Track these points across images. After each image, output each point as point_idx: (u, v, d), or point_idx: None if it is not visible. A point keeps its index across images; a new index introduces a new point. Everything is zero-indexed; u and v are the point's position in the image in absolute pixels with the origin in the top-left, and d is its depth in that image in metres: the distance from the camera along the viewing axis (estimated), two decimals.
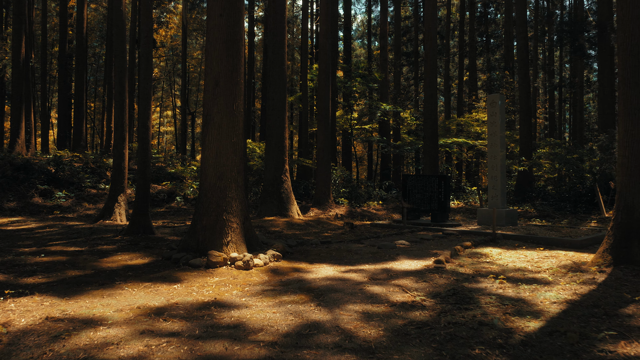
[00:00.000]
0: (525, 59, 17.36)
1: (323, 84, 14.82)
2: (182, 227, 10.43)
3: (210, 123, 6.64)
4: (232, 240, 6.38)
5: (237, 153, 6.74)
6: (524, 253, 7.39)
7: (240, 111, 6.81)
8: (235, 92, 6.71)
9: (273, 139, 12.56)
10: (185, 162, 22.17)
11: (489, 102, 10.92)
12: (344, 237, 9.49)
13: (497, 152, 10.77)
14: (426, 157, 15.54)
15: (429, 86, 15.29)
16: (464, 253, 7.39)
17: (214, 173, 6.55)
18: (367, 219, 14.24)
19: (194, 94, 46.74)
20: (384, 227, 11.39)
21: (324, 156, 15.11)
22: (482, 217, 10.92)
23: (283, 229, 10.80)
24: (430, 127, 15.32)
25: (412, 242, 8.44)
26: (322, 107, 14.91)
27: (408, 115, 26.79)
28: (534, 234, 9.27)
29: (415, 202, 11.66)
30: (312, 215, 14.01)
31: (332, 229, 11.19)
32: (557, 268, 6.12)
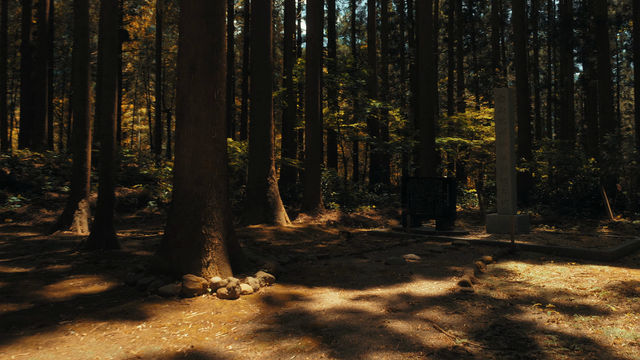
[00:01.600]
0: (522, 54, 16.63)
1: (312, 77, 13.75)
2: (154, 238, 9.21)
3: (186, 116, 5.50)
4: (214, 260, 5.25)
5: (218, 152, 5.61)
6: (554, 269, 6.46)
7: (222, 101, 5.69)
8: (217, 77, 5.58)
9: (258, 136, 11.43)
10: (160, 162, 20.81)
11: (496, 96, 10.02)
12: (342, 250, 8.43)
13: (507, 152, 9.88)
14: (423, 157, 14.62)
15: (425, 82, 14.37)
16: (487, 270, 6.41)
17: (190, 177, 5.41)
18: (362, 225, 13.22)
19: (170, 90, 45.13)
20: (383, 236, 10.38)
21: (313, 156, 14.05)
22: (492, 224, 10.00)
23: (271, 239, 9.68)
24: (427, 125, 14.41)
25: (422, 256, 7.43)
26: (310, 103, 13.84)
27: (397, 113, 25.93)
28: (554, 243, 8.38)
29: (417, 208, 10.68)
30: (302, 222, 12.92)
31: (327, 238, 10.12)
32: (605, 290, 5.18)
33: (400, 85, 32.35)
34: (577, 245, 8.19)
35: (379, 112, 22.03)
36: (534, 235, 9.66)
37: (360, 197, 17.36)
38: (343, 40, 51.23)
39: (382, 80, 25.56)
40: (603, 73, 15.06)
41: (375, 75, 22.76)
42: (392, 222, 14.03)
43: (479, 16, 37.68)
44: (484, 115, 21.05)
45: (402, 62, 35.74)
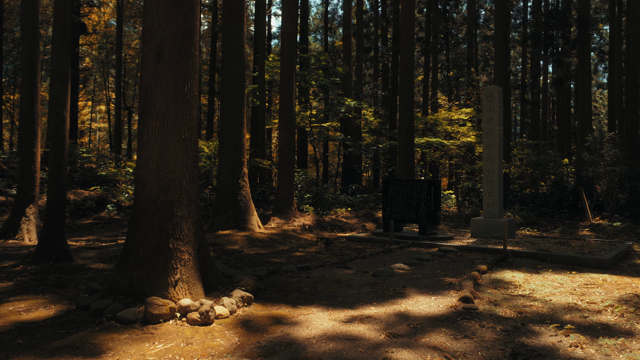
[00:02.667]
0: (504, 52, 16.53)
1: (287, 73, 13.14)
2: (113, 247, 8.41)
3: (151, 111, 4.82)
4: (183, 278, 4.59)
5: (189, 154, 4.96)
6: (554, 279, 6.11)
7: (194, 95, 5.03)
8: (188, 68, 4.93)
9: (229, 135, 10.74)
10: (120, 162, 19.71)
11: (485, 95, 9.69)
12: (323, 258, 7.87)
13: (495, 154, 9.56)
14: (401, 158, 14.25)
15: (406, 80, 14.00)
16: (485, 281, 5.99)
17: (155, 182, 4.74)
18: (338, 229, 12.71)
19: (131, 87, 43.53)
20: (363, 242, 9.89)
21: (287, 156, 13.44)
22: (477, 229, 9.67)
23: (243, 247, 9.03)
24: (407, 125, 14.04)
25: (410, 265, 6.96)
26: (285, 100, 13.23)
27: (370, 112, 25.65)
28: (545, 249, 8.09)
29: (399, 212, 10.25)
30: (274, 226, 12.29)
31: (303, 245, 9.55)
32: (619, 305, 4.82)
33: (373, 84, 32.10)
34: (569, 251, 7.92)
35: (353, 112, 21.61)
36: (520, 239, 9.38)
37: (334, 199, 16.86)
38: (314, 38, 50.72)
39: (356, 79, 25.17)
40: (584, 73, 15.09)
41: (351, 73, 22.33)
42: (370, 226, 13.60)
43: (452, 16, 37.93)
44: (460, 116, 20.99)
45: (375, 61, 35.53)
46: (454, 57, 40.83)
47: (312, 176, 17.47)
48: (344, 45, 23.21)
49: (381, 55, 34.75)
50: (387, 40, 37.65)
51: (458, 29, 39.22)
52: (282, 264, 7.26)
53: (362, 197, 19.15)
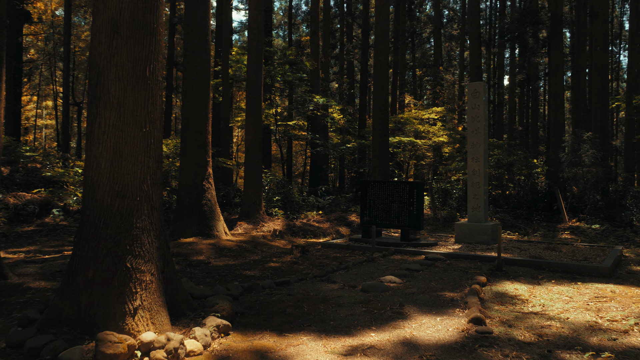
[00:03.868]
0: (477, 48, 16.32)
1: (254, 66, 12.34)
2: (58, 260, 7.39)
3: (104, 99, 3.99)
4: (144, 305, 3.79)
5: (151, 151, 4.16)
6: (560, 291, 5.66)
7: (157, 80, 4.23)
8: (150, 46, 4.12)
9: (192, 132, 9.85)
10: (69, 162, 18.28)
11: (470, 91, 9.26)
12: (301, 270, 7.17)
13: (481, 154, 9.14)
14: (375, 158, 13.73)
15: (379, 75, 13.49)
16: (487, 295, 5.47)
17: (109, 186, 3.91)
18: (311, 235, 12.03)
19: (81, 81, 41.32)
20: (342, 249, 9.25)
21: (254, 155, 12.65)
22: (462, 233, 9.22)
23: (210, 257, 8.20)
24: (381, 123, 13.53)
25: (401, 277, 6.37)
26: (252, 94, 12.42)
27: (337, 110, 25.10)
28: (537, 256, 7.71)
29: (379, 216, 9.67)
30: (242, 232, 11.48)
31: (277, 254, 8.80)
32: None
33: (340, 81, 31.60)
34: (564, 258, 7.56)
35: (321, 109, 21.00)
36: (507, 245, 9.00)
37: (304, 202, 16.16)
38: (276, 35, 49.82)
39: (323, 75, 24.57)
40: (557, 72, 15.06)
41: (318, 69, 21.69)
42: (344, 230, 13.00)
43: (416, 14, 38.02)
44: (431, 115, 20.77)
45: (340, 59, 35.08)
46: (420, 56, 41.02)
47: (280, 177, 16.70)
48: (311, 40, 22.55)
49: (347, 52, 34.36)
50: (352, 38, 37.32)
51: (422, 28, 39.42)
52: (257, 278, 6.50)
53: (332, 199, 18.55)
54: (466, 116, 9.21)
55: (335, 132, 27.85)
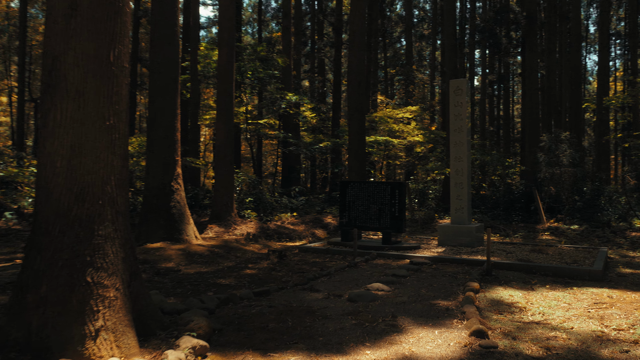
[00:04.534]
0: (453, 48, 16.25)
1: (225, 61, 11.81)
2: (9, 269, 6.72)
3: (61, 87, 3.48)
4: (107, 325, 3.30)
5: (116, 148, 3.67)
6: (557, 297, 5.44)
7: (123, 67, 3.74)
8: (115, 26, 3.63)
9: (160, 130, 9.26)
10: (23, 161, 17.23)
11: (453, 89, 9.04)
12: (281, 278, 6.74)
13: (464, 153, 8.93)
14: (352, 158, 13.41)
15: (356, 72, 13.18)
16: (483, 303, 5.19)
17: (67, 188, 3.41)
18: (287, 238, 11.60)
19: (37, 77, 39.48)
20: (321, 254, 8.87)
21: (226, 154, 12.12)
22: (445, 235, 8.98)
23: (180, 264, 7.67)
24: (358, 122, 13.23)
25: (389, 284, 6.03)
26: (223, 91, 11.89)
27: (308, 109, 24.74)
28: (525, 259, 7.53)
29: (359, 218, 9.34)
30: (213, 236, 10.94)
31: (252, 259, 8.34)
32: None
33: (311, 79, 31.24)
34: (552, 260, 7.40)
35: (293, 107, 20.57)
36: (492, 247, 8.81)
37: (277, 203, 15.70)
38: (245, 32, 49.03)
39: (295, 73, 24.14)
40: (532, 72, 15.12)
41: (290, 66, 21.24)
42: (320, 233, 12.62)
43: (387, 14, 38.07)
44: (405, 114, 20.63)
45: (311, 57, 34.73)
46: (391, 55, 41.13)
47: (252, 177, 16.17)
48: (282, 36, 22.09)
49: (318, 50, 34.03)
50: (323, 35, 37.03)
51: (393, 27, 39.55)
52: (233, 288, 6.04)
53: (305, 200, 18.16)
54: (449, 114, 8.98)
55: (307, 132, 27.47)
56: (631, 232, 10.86)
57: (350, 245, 9.05)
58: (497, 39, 18.35)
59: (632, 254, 8.73)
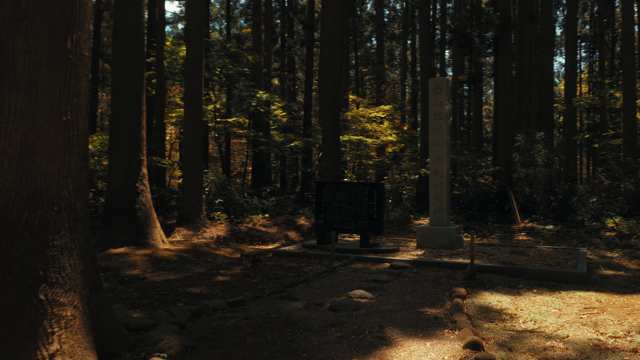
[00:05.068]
0: (428, 45, 16.20)
1: (194, 55, 11.34)
2: None
3: (8, 76, 3.07)
4: (64, 349, 2.91)
5: (74, 147, 3.27)
6: (546, 302, 5.30)
7: (82, 55, 3.35)
8: (74, 9, 3.23)
9: (124, 127, 8.75)
10: None
11: (432, 87, 8.88)
12: (255, 285, 6.40)
13: (444, 153, 8.79)
14: (326, 157, 13.15)
15: (331, 70, 12.93)
16: (471, 310, 4.99)
17: (16, 192, 2.99)
18: (259, 241, 11.23)
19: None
20: (296, 257, 8.55)
21: (194, 154, 11.66)
22: (424, 237, 8.82)
23: (146, 271, 7.22)
24: (332, 121, 12.97)
25: (371, 291, 5.78)
26: (192, 88, 11.42)
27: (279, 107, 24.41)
28: (507, 261, 7.42)
29: (335, 219, 9.08)
30: (181, 239, 10.47)
31: (224, 265, 7.96)
32: None
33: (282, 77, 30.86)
34: (535, 263, 7.32)
35: (264, 105, 20.17)
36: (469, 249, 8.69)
37: (248, 205, 15.28)
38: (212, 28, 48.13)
39: (266, 70, 23.72)
40: (505, 72, 15.22)
41: (261, 63, 20.82)
42: (293, 235, 12.31)
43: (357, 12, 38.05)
44: (378, 113, 20.54)
45: (282, 54, 34.36)
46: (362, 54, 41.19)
47: (223, 177, 15.68)
48: (253, 33, 21.63)
49: (288, 48, 33.67)
50: (293, 33, 36.68)
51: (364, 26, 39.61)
52: (205, 297, 5.67)
53: (276, 200, 17.80)
54: (428, 113, 8.83)
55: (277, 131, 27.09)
56: (605, 232, 10.99)
57: (327, 248, 8.78)
58: (470, 39, 18.46)
59: (610, 254, 8.78)
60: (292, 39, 34.88)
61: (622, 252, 8.88)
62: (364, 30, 39.77)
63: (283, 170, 30.11)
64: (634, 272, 7.20)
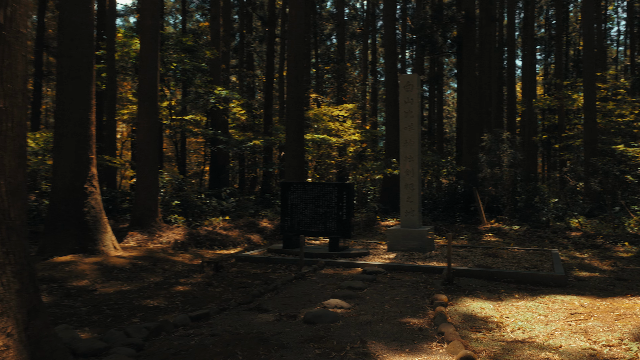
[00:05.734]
0: (392, 44, 16.08)
1: (149, 47, 10.68)
2: None
3: None
4: None
5: (7, 142, 2.76)
6: (530, 308, 5.13)
7: (19, 33, 2.84)
8: None
9: (70, 123, 8.04)
10: None
11: (403, 84, 8.65)
12: (220, 295, 5.93)
13: (415, 152, 8.58)
14: (290, 157, 12.76)
15: (295, 66, 12.55)
16: (456, 319, 4.74)
17: None
18: (220, 245, 10.71)
19: None
20: (261, 263, 8.12)
21: (149, 152, 11.01)
22: (395, 240, 8.58)
23: (96, 281, 6.61)
24: (296, 119, 12.60)
25: (347, 300, 5.44)
26: (147, 82, 10.75)
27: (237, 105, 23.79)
28: (482, 264, 7.28)
29: (303, 222, 8.70)
30: (135, 245, 9.81)
31: (183, 272, 7.43)
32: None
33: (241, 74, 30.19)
34: (510, 266, 7.20)
35: (222, 103, 19.53)
36: (443, 251, 8.53)
37: (207, 206, 14.66)
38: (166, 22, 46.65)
39: (224, 66, 23.04)
40: (470, 71, 15.29)
41: (219, 58, 20.15)
42: (255, 238, 11.83)
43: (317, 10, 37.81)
44: (341, 112, 20.31)
45: (240, 51, 33.68)
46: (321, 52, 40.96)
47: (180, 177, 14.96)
48: (211, 27, 20.93)
49: (247, 44, 33.03)
50: (252, 29, 36.01)
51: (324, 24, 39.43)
52: (164, 311, 5.17)
53: (236, 202, 17.23)
54: (398, 112, 8.59)
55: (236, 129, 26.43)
56: (571, 232, 11.13)
57: (294, 253, 8.40)
58: (433, 39, 18.53)
59: (580, 254, 8.83)
60: (250, 35, 34.24)
61: (591, 253, 8.95)
62: (324, 28, 39.59)
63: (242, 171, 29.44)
64: (607, 273, 7.20)
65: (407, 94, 8.59)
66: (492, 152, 12.61)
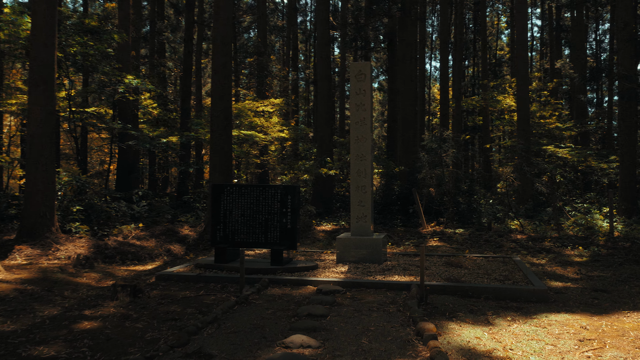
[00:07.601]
0: (326, 36, 15.21)
1: (44, 23, 8.86)
2: None
3: None
4: None
5: None
6: (528, 334, 4.41)
7: None
8: None
9: None
10: None
11: (354, 74, 7.74)
12: (142, 334, 4.61)
13: (368, 150, 7.71)
14: (215, 155, 11.41)
15: (220, 53, 11.25)
16: (455, 356, 3.86)
17: None
18: (134, 259, 9.16)
19: None
20: (190, 283, 6.81)
21: (43, 149, 9.21)
22: (345, 250, 7.65)
23: None
24: (222, 113, 11.29)
25: (312, 334, 4.39)
26: (41, 62, 8.92)
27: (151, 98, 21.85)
28: (452, 278, 6.56)
29: (239, 231, 7.50)
30: (24, 262, 8.03)
31: (90, 300, 5.93)
32: None
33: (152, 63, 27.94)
34: (481, 279, 6.52)
35: (133, 94, 17.57)
36: (399, 261, 7.75)
37: (116, 212, 12.84)
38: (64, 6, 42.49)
39: (135, 53, 20.92)
40: (405, 66, 14.81)
41: (129, 44, 18.13)
42: (176, 249, 10.38)
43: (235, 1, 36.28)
44: (266, 107, 19.16)
45: (151, 40, 31.29)
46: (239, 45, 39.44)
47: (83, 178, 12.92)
48: (119, 8, 18.80)
49: (158, 32, 30.74)
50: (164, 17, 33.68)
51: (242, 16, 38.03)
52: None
53: (148, 205, 15.46)
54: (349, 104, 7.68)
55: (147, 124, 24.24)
56: (516, 235, 10.91)
57: (229, 268, 7.18)
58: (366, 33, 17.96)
59: (537, 260, 8.47)
60: (162, 23, 31.95)
61: (547, 258, 8.64)
62: (243, 20, 38.15)
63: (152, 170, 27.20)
64: (579, 282, 6.79)
65: (358, 84, 7.69)
66: (434, 151, 12.16)
